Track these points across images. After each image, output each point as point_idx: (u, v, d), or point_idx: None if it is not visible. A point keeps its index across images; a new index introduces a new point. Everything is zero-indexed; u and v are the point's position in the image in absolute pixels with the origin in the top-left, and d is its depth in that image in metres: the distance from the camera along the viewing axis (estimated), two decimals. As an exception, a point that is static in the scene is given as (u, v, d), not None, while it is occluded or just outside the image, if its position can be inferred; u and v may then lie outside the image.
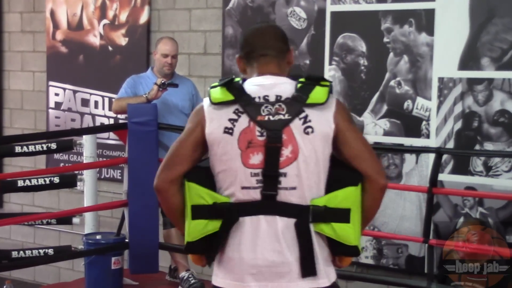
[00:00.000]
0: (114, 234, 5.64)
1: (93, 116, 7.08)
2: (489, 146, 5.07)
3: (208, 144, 2.60)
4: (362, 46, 5.58)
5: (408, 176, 5.40)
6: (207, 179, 2.61)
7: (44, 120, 7.40)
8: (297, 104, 2.57)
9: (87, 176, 5.66)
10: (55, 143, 5.40)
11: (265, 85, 2.62)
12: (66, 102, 7.25)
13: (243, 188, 2.56)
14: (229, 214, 2.56)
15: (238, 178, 2.56)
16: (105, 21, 6.98)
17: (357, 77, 5.60)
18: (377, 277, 5.13)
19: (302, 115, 2.56)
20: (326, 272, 2.60)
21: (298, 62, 5.84)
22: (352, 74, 5.62)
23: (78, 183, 5.61)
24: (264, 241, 2.54)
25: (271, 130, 2.54)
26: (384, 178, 2.64)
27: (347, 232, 2.57)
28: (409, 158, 5.39)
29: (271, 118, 2.55)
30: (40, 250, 5.50)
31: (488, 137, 5.07)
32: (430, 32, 5.27)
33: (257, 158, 2.55)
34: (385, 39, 5.46)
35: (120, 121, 6.38)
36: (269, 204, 2.55)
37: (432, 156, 4.86)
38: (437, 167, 4.61)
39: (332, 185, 2.60)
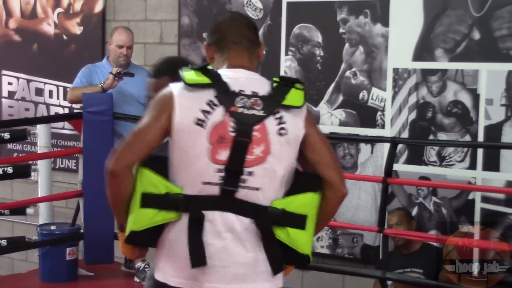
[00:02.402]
0: (69, 224, 5.60)
1: (48, 105, 7.00)
2: (442, 136, 5.13)
3: (174, 133, 2.44)
4: (318, 37, 5.60)
5: (363, 166, 5.44)
6: (161, 167, 2.47)
7: (-3, 109, 7.32)
8: (273, 103, 2.46)
9: (42, 166, 5.61)
10: (8, 133, 5.34)
11: (240, 79, 2.49)
12: (20, 91, 7.16)
13: (204, 183, 2.43)
14: (183, 207, 2.43)
15: (201, 173, 2.43)
16: (59, 10, 6.91)
17: (313, 68, 5.62)
18: (332, 267, 5.16)
19: (278, 115, 2.46)
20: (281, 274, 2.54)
21: (254, 52, 5.84)
22: (308, 64, 5.64)
23: (32, 173, 5.56)
24: (220, 241, 2.43)
25: (242, 123, 2.43)
26: (345, 187, 2.55)
27: (301, 239, 2.48)
28: (364, 148, 5.43)
29: (245, 111, 2.44)
30: (-7, 241, 5.44)
31: (442, 127, 5.13)
32: (385, 23, 5.31)
33: (225, 153, 2.42)
34: (341, 30, 5.48)
35: (75, 111, 6.33)
36: (227, 200, 2.44)
37: (387, 147, 4.91)
38: (392, 157, 4.65)
39: (292, 189, 2.51)
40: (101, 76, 5.57)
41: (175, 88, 2.48)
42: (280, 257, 2.49)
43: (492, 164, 4.96)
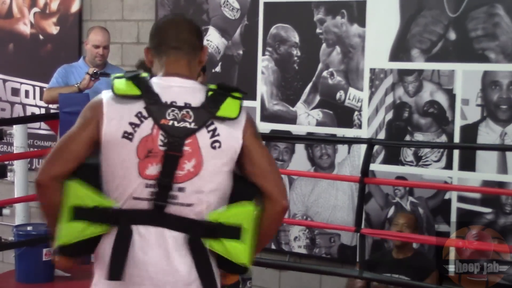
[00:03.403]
0: (45, 225, 5.56)
1: (24, 105, 6.96)
2: (419, 136, 5.15)
3: (102, 145, 2.36)
4: (295, 37, 5.61)
5: (340, 166, 5.46)
6: (92, 178, 2.39)
7: (-27, 109, 7.27)
8: (206, 114, 2.37)
9: (18, 166, 5.57)
10: (-16, 133, 5.30)
11: (172, 89, 2.41)
12: (-4, 91, 7.13)
13: (134, 198, 2.36)
14: (113, 221, 2.37)
15: (130, 187, 2.36)
16: (35, 9, 6.87)
17: (290, 68, 5.63)
18: (309, 267, 5.18)
19: (211, 127, 2.37)
20: None
21: (231, 53, 5.84)
22: (285, 64, 5.65)
23: (9, 174, 5.52)
24: (152, 256, 2.36)
25: (173, 136, 2.34)
26: (286, 199, 2.47)
27: (237, 250, 2.40)
28: (342, 148, 5.45)
29: (176, 124, 2.35)
30: (-31, 242, 5.40)
31: (418, 127, 5.16)
32: (362, 24, 5.33)
33: (154, 168, 2.34)
34: (318, 30, 5.49)
35: (52, 111, 6.30)
36: (158, 215, 2.36)
37: (363, 147, 4.93)
38: (369, 158, 4.66)
39: (229, 199, 2.44)
40: (77, 76, 5.55)
41: (105, 96, 2.42)
42: (211, 274, 2.41)
43: (468, 164, 4.99)
